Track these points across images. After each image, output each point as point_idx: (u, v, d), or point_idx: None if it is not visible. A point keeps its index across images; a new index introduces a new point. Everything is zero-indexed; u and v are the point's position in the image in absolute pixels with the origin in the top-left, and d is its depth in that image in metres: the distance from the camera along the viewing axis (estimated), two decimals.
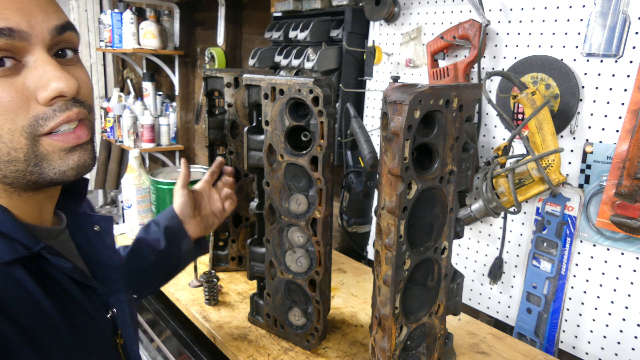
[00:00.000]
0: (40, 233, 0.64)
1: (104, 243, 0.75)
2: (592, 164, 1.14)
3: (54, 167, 0.59)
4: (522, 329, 1.27)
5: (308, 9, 1.81)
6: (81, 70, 0.64)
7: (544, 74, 1.20)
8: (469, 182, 0.95)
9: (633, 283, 1.09)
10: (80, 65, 0.64)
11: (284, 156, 1.01)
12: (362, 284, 1.45)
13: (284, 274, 1.09)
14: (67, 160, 0.59)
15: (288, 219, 1.05)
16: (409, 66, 1.54)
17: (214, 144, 1.39)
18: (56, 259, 0.60)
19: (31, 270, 0.58)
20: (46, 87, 0.56)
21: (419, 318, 0.92)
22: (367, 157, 1.34)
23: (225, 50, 2.71)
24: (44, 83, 0.56)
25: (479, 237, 1.41)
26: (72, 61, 0.62)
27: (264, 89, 1.00)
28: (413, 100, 0.75)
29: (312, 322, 1.09)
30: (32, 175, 0.58)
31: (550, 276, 1.22)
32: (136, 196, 1.67)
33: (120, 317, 0.73)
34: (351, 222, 1.58)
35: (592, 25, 1.11)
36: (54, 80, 0.56)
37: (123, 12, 2.94)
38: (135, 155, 1.68)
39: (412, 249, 0.87)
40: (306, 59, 1.73)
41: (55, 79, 0.56)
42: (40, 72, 0.56)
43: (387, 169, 0.81)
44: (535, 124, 1.13)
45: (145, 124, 3.03)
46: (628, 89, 1.06)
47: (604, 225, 1.11)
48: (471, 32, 1.29)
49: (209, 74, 1.32)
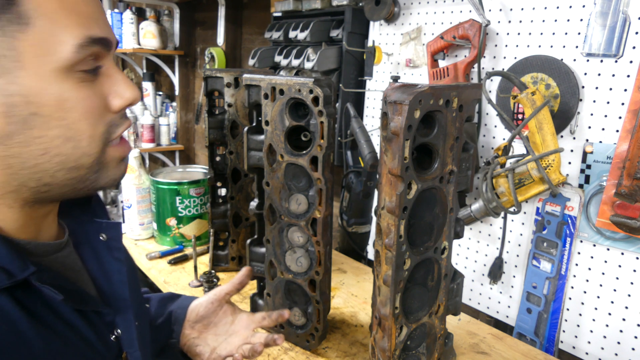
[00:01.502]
0: (37, 250, 0.59)
1: (111, 254, 0.68)
2: (592, 164, 1.14)
3: (108, 176, 0.59)
4: (522, 329, 1.27)
5: (308, 9, 1.81)
6: None
7: (544, 74, 1.20)
8: (469, 182, 0.95)
9: (633, 283, 1.09)
10: None
11: (284, 156, 1.01)
12: (362, 284, 1.45)
13: (284, 274, 1.09)
14: (118, 170, 0.61)
15: (288, 219, 1.05)
16: (409, 66, 1.53)
17: (214, 144, 1.39)
18: (47, 288, 0.54)
19: (18, 297, 0.53)
20: (122, 95, 0.57)
21: (419, 318, 0.92)
22: (367, 157, 1.34)
23: (225, 50, 2.71)
24: (120, 91, 0.57)
25: (479, 237, 1.41)
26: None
27: (264, 89, 1.00)
28: (413, 100, 0.75)
29: (312, 322, 1.09)
30: (86, 182, 0.57)
31: (550, 276, 1.22)
32: (136, 196, 1.67)
33: (126, 337, 0.67)
34: (351, 222, 1.58)
35: (592, 25, 1.11)
36: (128, 89, 0.58)
37: (123, 12, 2.94)
38: (135, 155, 1.68)
39: (412, 249, 0.87)
40: (306, 59, 1.73)
41: (129, 88, 0.58)
42: (113, 80, 0.57)
43: (387, 169, 0.81)
44: (535, 124, 1.13)
45: (145, 124, 3.03)
46: (628, 89, 1.06)
47: (604, 225, 1.11)
48: (471, 32, 1.29)
49: (209, 74, 1.32)
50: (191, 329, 0.92)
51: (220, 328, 0.93)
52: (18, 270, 0.52)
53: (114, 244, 0.69)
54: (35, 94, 0.50)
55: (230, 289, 0.94)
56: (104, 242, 0.68)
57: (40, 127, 0.52)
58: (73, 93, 0.53)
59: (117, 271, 0.68)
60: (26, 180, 0.54)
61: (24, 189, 0.55)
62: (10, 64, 0.49)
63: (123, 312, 0.68)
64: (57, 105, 0.52)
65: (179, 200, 1.60)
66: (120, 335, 0.66)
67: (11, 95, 0.49)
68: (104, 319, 0.65)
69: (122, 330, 0.67)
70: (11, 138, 0.51)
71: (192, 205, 1.62)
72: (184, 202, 1.60)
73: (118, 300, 0.67)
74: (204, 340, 0.92)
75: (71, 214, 0.68)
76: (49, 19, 0.50)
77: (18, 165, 0.53)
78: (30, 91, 0.50)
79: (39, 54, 0.50)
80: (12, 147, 0.51)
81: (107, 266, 0.68)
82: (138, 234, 1.72)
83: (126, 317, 0.68)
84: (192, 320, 0.92)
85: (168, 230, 1.64)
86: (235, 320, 0.94)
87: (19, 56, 0.49)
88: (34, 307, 0.54)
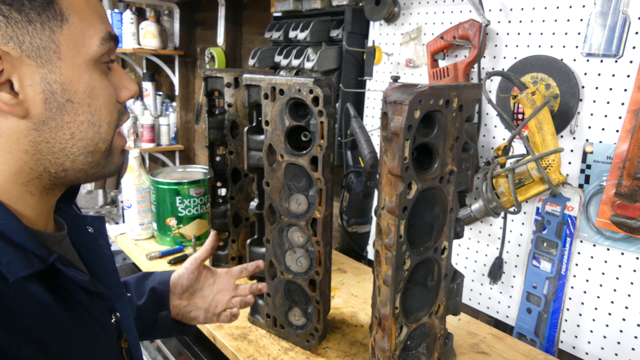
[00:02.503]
0: (48, 240, 0.62)
1: (99, 246, 0.73)
2: (592, 164, 1.14)
3: (114, 163, 0.65)
4: (522, 329, 1.27)
5: (308, 9, 1.81)
6: None
7: (544, 74, 1.20)
8: (469, 182, 0.95)
9: (633, 283, 1.09)
10: None
11: (284, 156, 1.01)
12: (362, 284, 1.45)
13: (284, 274, 1.09)
14: (120, 159, 0.66)
15: (288, 219, 1.05)
16: (409, 66, 1.54)
17: (214, 144, 1.39)
18: (71, 270, 0.60)
19: (46, 282, 0.57)
20: (128, 88, 0.64)
21: (419, 318, 0.92)
22: (367, 157, 1.34)
23: (225, 50, 2.71)
24: (125, 84, 0.64)
25: (479, 237, 1.41)
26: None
27: (264, 89, 1.00)
28: (413, 100, 0.75)
29: (312, 322, 1.09)
30: (98, 167, 0.63)
31: (550, 276, 1.22)
32: (136, 196, 1.67)
33: (124, 321, 0.72)
34: (351, 222, 1.58)
35: (592, 25, 1.11)
36: (132, 83, 0.64)
37: (123, 12, 2.93)
38: (135, 155, 1.68)
39: (412, 249, 0.87)
40: (306, 59, 1.73)
41: (132, 82, 0.64)
42: (118, 75, 0.63)
43: (387, 169, 0.81)
44: (535, 124, 1.13)
45: (145, 124, 3.03)
46: (628, 89, 1.06)
47: (604, 225, 1.11)
48: (471, 32, 1.29)
49: (209, 74, 1.32)
50: (179, 299, 1.00)
51: (205, 291, 1.02)
52: (46, 255, 0.57)
53: (101, 237, 0.74)
54: (70, 81, 0.56)
55: (204, 255, 1.02)
56: (92, 234, 0.73)
57: (71, 113, 0.57)
58: (98, 82, 0.59)
59: (108, 261, 0.74)
60: (50, 165, 0.59)
61: (46, 175, 0.59)
62: (51, 55, 0.55)
63: (119, 298, 0.73)
64: (87, 92, 0.58)
65: (179, 200, 1.60)
66: (119, 319, 0.71)
67: (51, 83, 0.55)
68: (106, 304, 0.69)
69: (121, 314, 0.71)
70: (47, 124, 0.56)
71: (192, 205, 1.62)
72: (184, 202, 1.60)
73: (114, 287, 0.72)
74: (195, 305, 1.01)
75: (61, 208, 0.72)
76: (80, 16, 0.56)
77: (47, 150, 0.58)
78: (66, 79, 0.56)
79: (73, 46, 0.56)
80: (45, 132, 0.57)
81: (99, 257, 0.72)
82: (138, 234, 1.72)
83: (122, 303, 0.73)
84: (178, 292, 1.00)
85: (168, 230, 1.64)
86: (217, 280, 1.03)
87: (58, 48, 0.55)
88: (58, 291, 0.59)
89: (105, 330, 0.66)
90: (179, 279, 1.00)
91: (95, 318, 0.64)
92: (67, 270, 0.59)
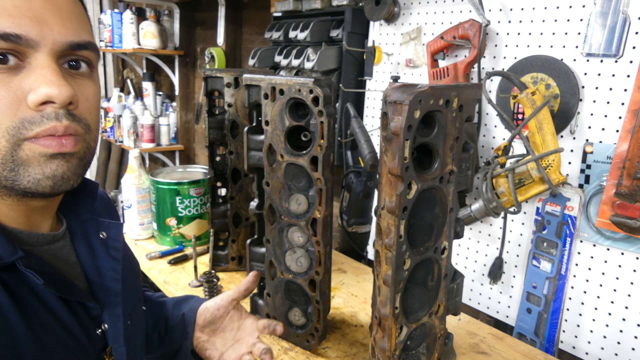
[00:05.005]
0: (29, 239, 0.61)
1: (108, 252, 0.70)
2: (592, 164, 1.14)
3: (29, 174, 0.55)
4: (522, 329, 1.27)
5: (308, 9, 1.81)
6: (89, 86, 0.61)
7: (544, 74, 1.20)
8: (469, 182, 0.95)
9: (633, 283, 1.09)
10: (91, 81, 0.62)
11: (284, 156, 1.01)
12: (362, 284, 1.45)
13: (284, 274, 1.09)
14: (44, 168, 0.56)
15: (288, 219, 1.05)
16: (409, 66, 1.54)
17: (214, 144, 1.39)
18: (30, 272, 0.56)
19: (4, 281, 0.55)
20: (36, 90, 0.54)
21: (419, 318, 0.92)
22: (367, 157, 1.34)
23: (225, 50, 2.71)
24: (36, 86, 0.54)
25: (479, 237, 1.41)
26: (83, 75, 0.60)
27: (264, 89, 1.00)
28: (413, 100, 0.75)
29: (312, 322, 1.09)
30: (7, 181, 0.55)
31: (550, 276, 1.22)
32: (136, 196, 1.67)
33: (112, 333, 0.69)
34: (351, 222, 1.58)
35: (592, 25, 1.11)
36: (46, 84, 0.54)
37: (123, 12, 2.94)
38: (135, 155, 1.68)
39: (412, 249, 0.87)
40: (306, 59, 1.73)
41: (48, 83, 0.54)
42: (36, 75, 0.54)
43: (387, 169, 0.81)
44: (535, 124, 1.13)
45: (145, 124, 3.03)
46: (628, 89, 1.06)
47: (604, 225, 1.11)
48: (471, 32, 1.29)
49: (209, 74, 1.32)
50: (201, 332, 0.95)
51: (228, 333, 0.96)
52: (7, 254, 0.55)
53: (112, 243, 0.71)
54: None
55: (236, 295, 0.97)
56: (103, 240, 0.71)
57: None
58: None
59: (112, 269, 0.71)
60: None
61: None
62: None
63: (112, 308, 0.69)
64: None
65: (179, 200, 1.60)
66: (106, 330, 0.68)
67: None
68: (90, 312, 0.67)
69: (109, 325, 0.69)
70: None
71: (192, 205, 1.62)
72: (184, 202, 1.60)
73: (109, 296, 0.69)
74: (213, 344, 0.96)
75: (75, 211, 0.70)
76: None
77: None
78: None
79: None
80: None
81: (102, 263, 0.70)
82: (138, 234, 1.72)
83: (114, 313, 0.69)
84: (200, 324, 0.95)
85: (168, 230, 1.64)
86: (241, 327, 0.97)
87: None
88: (19, 292, 0.56)
89: (79, 340, 0.63)
90: (205, 311, 0.95)
91: (65, 325, 0.61)
92: (25, 271, 0.55)
